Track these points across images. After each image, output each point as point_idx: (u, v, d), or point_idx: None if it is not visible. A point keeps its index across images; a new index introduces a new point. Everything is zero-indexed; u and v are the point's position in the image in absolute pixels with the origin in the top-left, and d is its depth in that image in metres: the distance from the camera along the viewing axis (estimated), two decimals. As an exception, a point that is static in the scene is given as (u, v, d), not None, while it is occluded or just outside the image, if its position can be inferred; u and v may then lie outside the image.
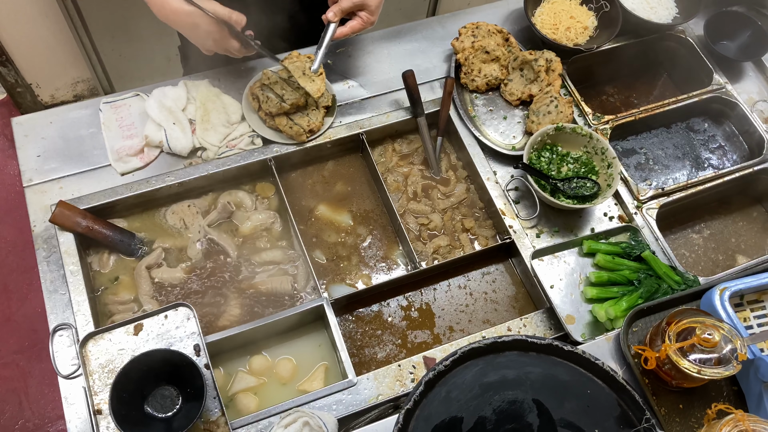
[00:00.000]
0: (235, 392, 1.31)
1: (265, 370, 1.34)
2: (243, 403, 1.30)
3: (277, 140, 1.52)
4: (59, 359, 1.25)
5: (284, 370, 1.34)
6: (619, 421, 1.08)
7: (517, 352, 1.11)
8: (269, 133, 1.52)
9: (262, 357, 1.36)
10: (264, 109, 1.49)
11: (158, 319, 1.28)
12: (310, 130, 1.51)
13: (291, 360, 1.36)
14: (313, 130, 1.52)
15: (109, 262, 1.43)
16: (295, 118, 1.50)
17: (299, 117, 1.50)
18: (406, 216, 1.56)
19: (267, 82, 1.48)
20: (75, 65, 2.64)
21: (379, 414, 1.25)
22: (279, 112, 1.48)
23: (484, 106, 1.67)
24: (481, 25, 1.68)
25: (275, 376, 1.34)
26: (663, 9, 1.80)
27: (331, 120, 1.56)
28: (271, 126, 1.52)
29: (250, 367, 1.34)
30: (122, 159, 1.46)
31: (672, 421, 1.20)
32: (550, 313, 1.40)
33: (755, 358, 1.17)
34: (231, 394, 1.31)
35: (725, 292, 1.24)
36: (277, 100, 1.47)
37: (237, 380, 1.32)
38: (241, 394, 1.31)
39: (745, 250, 1.66)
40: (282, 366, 1.35)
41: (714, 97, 1.74)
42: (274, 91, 1.48)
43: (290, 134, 1.50)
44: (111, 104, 1.52)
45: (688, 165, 1.74)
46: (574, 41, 1.72)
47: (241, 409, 1.29)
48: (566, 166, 1.55)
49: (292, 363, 1.35)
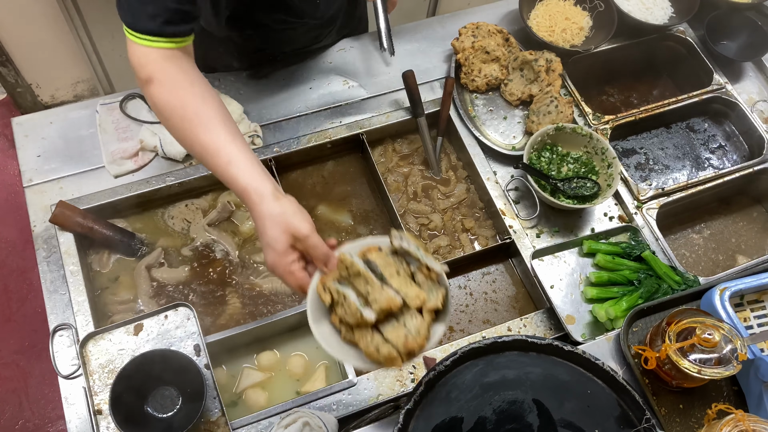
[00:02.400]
0: (243, 389, 1.32)
1: (274, 365, 1.35)
2: (252, 399, 1.31)
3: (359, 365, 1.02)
4: (59, 359, 1.25)
5: (296, 366, 1.35)
6: (619, 421, 1.08)
7: (517, 352, 1.11)
8: (344, 354, 1.00)
9: (272, 353, 1.37)
10: (339, 315, 0.98)
11: (158, 319, 1.28)
12: (408, 352, 0.94)
13: (303, 356, 1.37)
14: (412, 350, 0.94)
15: (109, 262, 1.43)
16: (385, 331, 0.96)
17: (391, 328, 0.96)
18: (406, 216, 1.56)
19: (345, 273, 0.99)
20: (75, 65, 2.63)
21: (379, 414, 1.25)
22: (360, 324, 0.96)
23: (484, 106, 1.67)
24: (482, 25, 1.68)
25: (285, 371, 1.35)
26: (659, 9, 1.80)
27: (442, 329, 0.99)
28: (348, 339, 0.99)
29: (259, 363, 1.35)
30: (116, 161, 1.46)
31: (672, 421, 1.20)
32: (550, 313, 1.40)
33: (755, 358, 1.17)
34: (239, 391, 1.32)
35: (725, 292, 1.24)
36: (357, 305, 0.95)
37: (244, 377, 1.33)
38: (250, 390, 1.32)
39: (745, 250, 1.66)
40: (293, 362, 1.36)
41: (714, 97, 1.74)
42: (356, 287, 0.98)
43: (376, 359, 0.95)
44: (107, 106, 1.52)
45: (688, 165, 1.74)
46: (571, 42, 1.72)
47: (251, 405, 1.30)
48: (566, 166, 1.55)
49: (304, 359, 1.37)
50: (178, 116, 1.06)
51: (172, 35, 1.07)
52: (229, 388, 1.32)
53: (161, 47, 1.07)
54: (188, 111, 1.05)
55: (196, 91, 1.08)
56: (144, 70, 1.07)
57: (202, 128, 1.04)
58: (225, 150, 1.03)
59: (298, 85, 1.63)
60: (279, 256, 1.00)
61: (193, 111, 1.05)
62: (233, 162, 1.02)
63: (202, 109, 1.06)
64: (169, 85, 1.06)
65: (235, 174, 1.02)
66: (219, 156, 1.03)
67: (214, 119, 1.05)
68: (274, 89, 1.62)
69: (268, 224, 1.00)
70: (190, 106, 1.06)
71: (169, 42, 1.07)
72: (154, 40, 1.06)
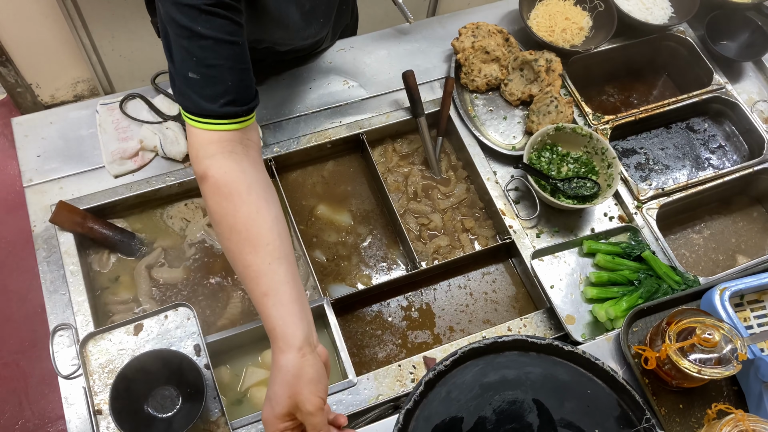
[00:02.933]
0: (247, 387, 1.32)
1: None
2: (257, 397, 1.31)
3: None
4: (59, 359, 1.25)
5: None
6: (619, 421, 1.08)
7: (517, 352, 1.11)
8: None
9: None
10: None
11: (158, 319, 1.28)
12: None
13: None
14: None
15: (109, 262, 1.43)
16: None
17: None
18: (406, 216, 1.56)
19: None
20: (75, 65, 2.63)
21: (379, 414, 1.25)
22: None
23: (484, 106, 1.67)
24: (482, 25, 1.68)
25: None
26: (659, 9, 1.80)
27: None
28: None
29: (263, 361, 1.35)
30: (116, 161, 1.46)
31: (672, 421, 1.20)
32: (550, 313, 1.40)
33: (755, 358, 1.17)
34: (244, 390, 1.32)
35: (725, 292, 1.24)
36: None
37: (248, 375, 1.33)
38: (254, 388, 1.32)
39: (745, 250, 1.66)
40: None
41: (714, 97, 1.74)
42: None
43: None
44: (107, 106, 1.52)
45: (688, 165, 1.74)
46: (571, 42, 1.72)
47: (256, 403, 1.30)
48: (566, 166, 1.55)
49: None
50: (228, 225, 0.98)
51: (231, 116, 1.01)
52: (233, 387, 1.32)
53: (219, 130, 1.00)
54: (238, 222, 0.97)
55: (252, 200, 0.99)
56: (200, 165, 1.00)
57: (249, 247, 0.96)
58: (266, 278, 0.95)
59: (298, 85, 1.63)
60: (274, 418, 0.93)
61: (244, 223, 0.97)
62: (270, 295, 0.95)
63: (256, 222, 0.97)
64: (224, 186, 0.98)
65: (269, 310, 0.94)
66: (258, 284, 0.95)
67: (265, 238, 0.97)
68: (274, 89, 1.62)
69: (278, 380, 0.92)
70: (241, 217, 0.97)
71: (228, 123, 1.01)
72: (211, 123, 1.00)
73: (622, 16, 1.73)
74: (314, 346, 0.95)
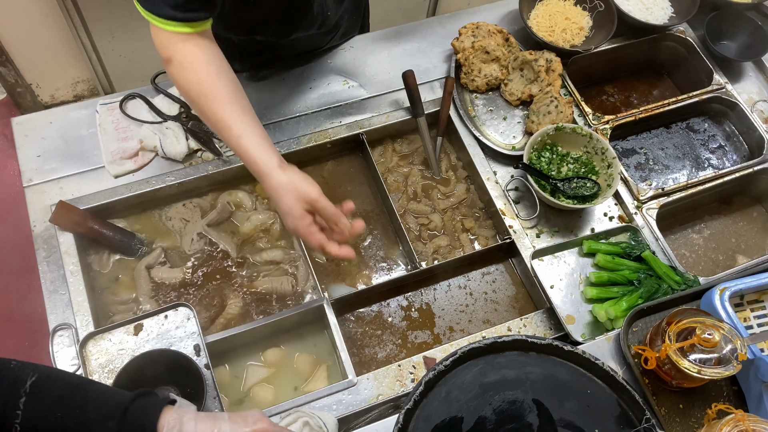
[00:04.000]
0: (249, 387, 1.32)
1: (280, 361, 1.36)
2: (260, 396, 1.31)
3: None
4: (59, 359, 1.25)
5: (302, 363, 1.36)
6: (619, 421, 1.08)
7: (517, 352, 1.11)
8: None
9: (278, 350, 1.37)
10: None
11: (158, 319, 1.28)
12: None
13: (312, 355, 1.37)
14: None
15: (109, 262, 1.43)
16: None
17: None
18: (406, 216, 1.56)
19: None
20: (75, 65, 2.63)
21: (379, 414, 1.25)
22: None
23: (484, 106, 1.67)
24: (482, 25, 1.68)
25: (290, 368, 1.36)
26: (659, 9, 1.80)
27: None
28: None
29: (265, 360, 1.36)
30: (116, 161, 1.46)
31: (672, 421, 1.20)
32: (550, 313, 1.40)
33: (755, 358, 1.17)
34: (246, 389, 1.32)
35: (725, 292, 1.24)
36: None
37: (249, 375, 1.33)
38: (257, 387, 1.32)
39: (745, 250, 1.66)
40: (299, 360, 1.37)
41: (714, 97, 1.74)
42: None
43: None
44: (107, 106, 1.52)
45: (688, 165, 1.74)
46: (571, 42, 1.72)
47: (259, 402, 1.31)
48: (566, 166, 1.55)
49: (312, 357, 1.37)
50: (195, 92, 1.15)
51: (191, 20, 1.14)
52: (233, 387, 1.32)
53: (180, 31, 1.14)
54: (203, 87, 1.14)
55: (212, 69, 1.16)
56: (165, 51, 1.17)
57: (217, 103, 1.14)
58: (236, 124, 1.14)
59: (298, 85, 1.63)
60: (297, 220, 1.13)
61: (208, 87, 1.14)
62: (243, 136, 1.13)
63: (217, 85, 1.15)
64: (186, 64, 1.15)
65: (246, 147, 1.13)
66: (231, 130, 1.14)
67: (228, 95, 1.15)
68: (274, 89, 1.62)
69: (282, 194, 1.13)
70: (205, 83, 1.14)
71: (187, 26, 1.14)
72: (174, 25, 1.13)
73: (622, 16, 1.73)
74: (288, 165, 1.15)
